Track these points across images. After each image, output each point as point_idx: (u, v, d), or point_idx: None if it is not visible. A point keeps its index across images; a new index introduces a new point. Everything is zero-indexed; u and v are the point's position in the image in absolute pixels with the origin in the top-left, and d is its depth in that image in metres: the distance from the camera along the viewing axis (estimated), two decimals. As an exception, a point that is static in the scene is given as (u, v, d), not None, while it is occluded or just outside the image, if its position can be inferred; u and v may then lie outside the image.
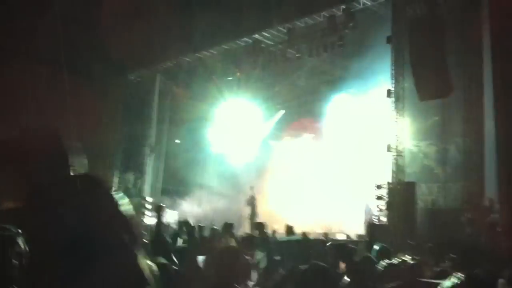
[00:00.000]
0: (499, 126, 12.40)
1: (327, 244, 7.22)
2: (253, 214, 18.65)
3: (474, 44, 14.47)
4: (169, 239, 6.53)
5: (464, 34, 14.73)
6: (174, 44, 21.53)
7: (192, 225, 10.70)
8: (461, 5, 15.08)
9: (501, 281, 5.07)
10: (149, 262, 2.84)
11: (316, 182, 20.28)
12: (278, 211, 19.40)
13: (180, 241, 9.02)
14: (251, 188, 19.22)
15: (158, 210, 6.60)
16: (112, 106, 23.40)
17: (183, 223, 10.34)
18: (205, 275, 4.28)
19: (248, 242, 7.46)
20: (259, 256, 6.97)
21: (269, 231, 13.24)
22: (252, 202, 18.46)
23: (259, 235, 10.01)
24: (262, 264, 6.70)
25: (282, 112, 23.90)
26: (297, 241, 11.18)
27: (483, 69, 14.19)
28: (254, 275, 5.14)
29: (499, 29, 12.90)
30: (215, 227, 11.86)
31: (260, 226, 11.25)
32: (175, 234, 9.67)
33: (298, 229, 13.44)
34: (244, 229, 17.58)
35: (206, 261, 4.53)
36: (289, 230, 12.57)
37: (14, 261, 2.52)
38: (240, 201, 20.57)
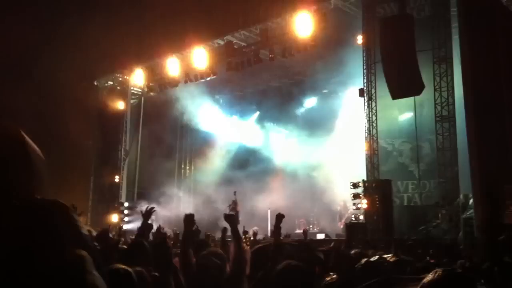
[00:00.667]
0: (469, 123, 12.62)
1: None
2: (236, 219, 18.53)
3: (443, 42, 14.73)
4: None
5: (434, 32, 14.96)
6: (146, 47, 21.34)
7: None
8: (430, 3, 15.32)
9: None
10: (126, 268, 2.81)
11: (293, 183, 20.32)
12: (259, 213, 19.44)
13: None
14: (234, 193, 19.05)
15: (146, 214, 5.86)
16: (84, 111, 23.07)
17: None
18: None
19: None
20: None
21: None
22: (234, 207, 18.33)
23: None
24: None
25: (257, 113, 23.95)
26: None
27: (453, 67, 14.47)
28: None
29: (468, 26, 13.11)
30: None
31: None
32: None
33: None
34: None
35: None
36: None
37: None
38: (218, 203, 20.55)
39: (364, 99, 16.10)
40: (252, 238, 12.94)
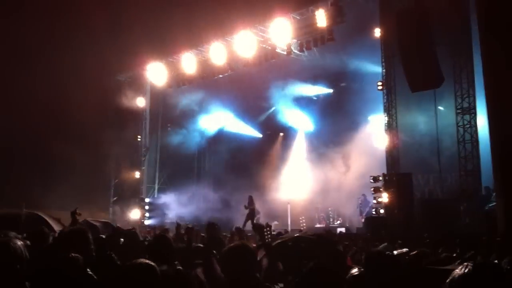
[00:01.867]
0: (491, 115, 12.47)
1: None
2: (253, 217, 18.42)
3: (462, 34, 14.56)
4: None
5: (452, 25, 14.78)
6: (165, 43, 21.47)
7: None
8: (447, -5, 15.14)
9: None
10: (149, 262, 2.95)
11: (313, 177, 20.36)
12: (279, 208, 19.50)
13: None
14: (249, 196, 18.90)
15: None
16: (104, 107, 23.35)
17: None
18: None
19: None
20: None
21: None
22: (250, 206, 18.25)
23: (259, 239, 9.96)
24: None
25: (273, 108, 23.96)
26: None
27: (473, 59, 14.30)
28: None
29: (486, 18, 12.94)
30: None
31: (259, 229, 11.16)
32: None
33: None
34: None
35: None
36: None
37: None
38: (235, 200, 20.67)
39: (384, 92, 16.05)
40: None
